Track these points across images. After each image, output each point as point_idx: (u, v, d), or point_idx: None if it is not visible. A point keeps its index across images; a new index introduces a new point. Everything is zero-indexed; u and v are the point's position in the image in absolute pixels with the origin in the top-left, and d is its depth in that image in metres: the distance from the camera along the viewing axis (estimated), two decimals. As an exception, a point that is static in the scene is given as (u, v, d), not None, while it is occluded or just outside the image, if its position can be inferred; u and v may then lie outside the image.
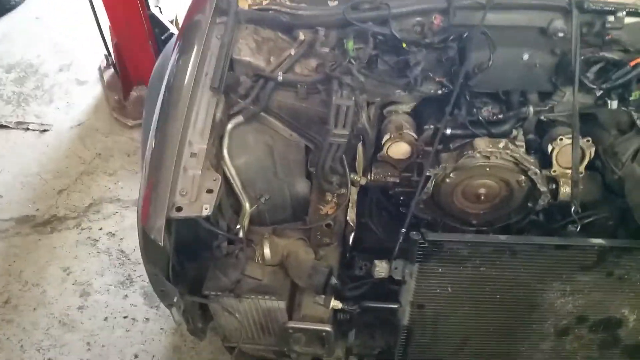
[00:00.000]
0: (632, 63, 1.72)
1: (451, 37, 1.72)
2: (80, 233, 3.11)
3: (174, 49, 1.78)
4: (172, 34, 3.43)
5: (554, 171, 1.90)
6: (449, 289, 1.64)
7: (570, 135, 1.81)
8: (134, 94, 3.84)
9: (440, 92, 1.82)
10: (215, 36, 1.72)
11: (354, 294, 1.73)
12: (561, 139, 1.87)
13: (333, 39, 1.78)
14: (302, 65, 1.79)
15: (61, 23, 4.68)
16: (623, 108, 1.87)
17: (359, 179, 1.85)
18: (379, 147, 1.87)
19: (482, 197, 1.95)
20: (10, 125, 3.81)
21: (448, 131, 1.85)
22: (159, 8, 3.69)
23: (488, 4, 1.68)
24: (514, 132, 1.89)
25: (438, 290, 1.64)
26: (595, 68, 1.78)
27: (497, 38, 1.71)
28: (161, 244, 1.39)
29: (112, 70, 4.05)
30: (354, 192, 1.88)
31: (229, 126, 1.74)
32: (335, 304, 1.66)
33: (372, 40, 1.74)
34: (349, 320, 1.75)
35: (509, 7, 1.74)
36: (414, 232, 1.55)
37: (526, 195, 1.94)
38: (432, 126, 1.86)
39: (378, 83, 1.80)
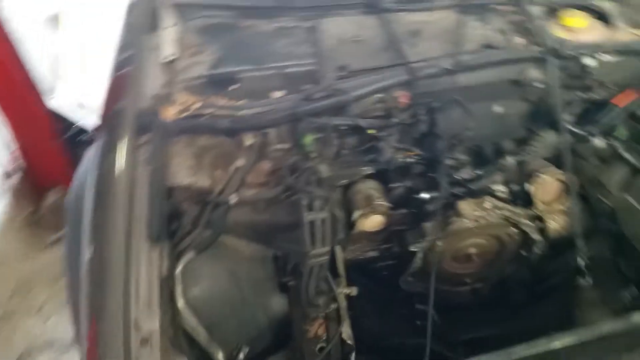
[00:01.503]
0: (620, 103, 1.56)
1: (422, 110, 1.49)
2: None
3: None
4: (81, 129, 3.07)
5: (538, 210, 1.83)
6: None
7: (551, 169, 1.76)
8: (49, 200, 3.34)
9: (410, 160, 1.64)
10: (141, 163, 1.38)
11: None
12: (540, 175, 1.79)
13: (286, 137, 1.50)
14: (254, 173, 1.49)
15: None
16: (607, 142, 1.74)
17: (350, 292, 1.58)
18: (349, 223, 1.67)
19: (474, 257, 1.91)
20: None
21: (426, 195, 1.72)
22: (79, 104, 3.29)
23: (459, 68, 1.46)
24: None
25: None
26: (576, 110, 1.64)
27: (468, 97, 1.56)
28: None
29: (19, 176, 3.54)
30: (343, 304, 1.60)
31: (179, 269, 1.39)
32: None
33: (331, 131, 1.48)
34: None
35: (477, 66, 1.53)
36: None
37: (519, 246, 1.90)
38: (399, 184, 1.72)
39: (343, 167, 1.59)
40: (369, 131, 1.46)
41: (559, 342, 1.33)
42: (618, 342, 1.41)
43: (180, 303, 1.38)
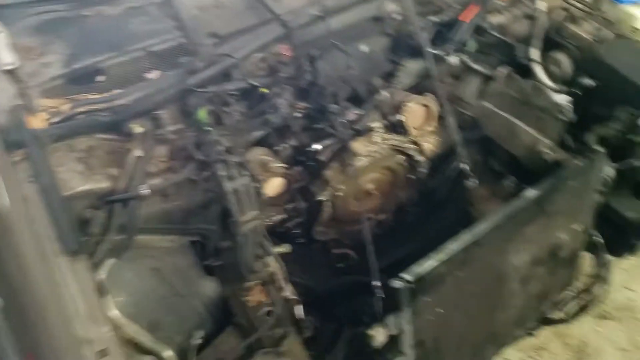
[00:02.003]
0: (464, 17, 1.75)
1: (305, 61, 1.52)
2: None
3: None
4: None
5: (413, 135, 1.98)
6: (439, 310, 1.49)
7: (414, 97, 1.92)
8: None
9: (299, 115, 1.65)
10: (25, 181, 1.19)
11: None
12: (407, 105, 1.95)
13: (178, 116, 1.41)
14: (154, 160, 1.39)
15: None
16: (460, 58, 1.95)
17: (285, 249, 1.58)
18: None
19: (373, 192, 2.02)
20: None
21: (318, 146, 1.76)
22: None
23: (325, 13, 1.50)
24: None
25: (431, 318, 1.49)
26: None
27: (340, 41, 1.61)
28: None
29: None
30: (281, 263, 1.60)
31: (102, 278, 1.27)
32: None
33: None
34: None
35: (343, 7, 1.59)
36: (395, 281, 1.35)
37: (407, 171, 2.06)
38: (284, 146, 1.75)
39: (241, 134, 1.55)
40: (262, 90, 1.43)
41: (467, 236, 1.50)
42: (517, 220, 1.64)
43: (113, 313, 1.26)
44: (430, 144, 2.09)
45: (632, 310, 2.54)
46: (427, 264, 1.41)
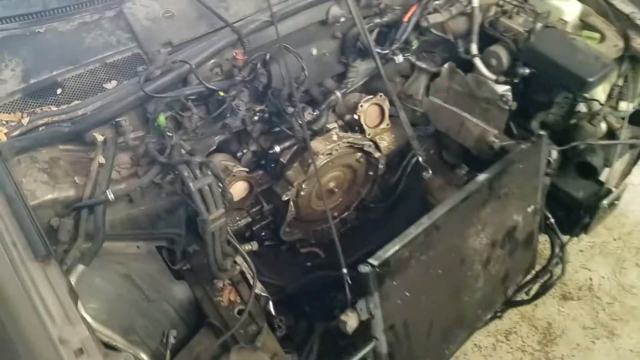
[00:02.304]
0: (405, 18, 1.86)
1: (257, 64, 1.58)
2: None
3: None
4: None
5: (369, 134, 2.08)
6: (406, 293, 1.55)
7: (367, 98, 2.02)
8: None
9: (256, 118, 1.71)
10: (-11, 193, 1.20)
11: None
12: (362, 106, 2.05)
13: (138, 123, 1.44)
14: (117, 167, 1.42)
15: None
16: (406, 58, 2.05)
17: (252, 247, 1.62)
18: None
19: (334, 190, 2.11)
20: None
21: (277, 149, 1.85)
22: None
23: (275, 19, 1.57)
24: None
25: (400, 302, 1.53)
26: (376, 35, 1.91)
27: (291, 46, 1.67)
28: None
29: None
30: (249, 261, 1.63)
31: (72, 284, 1.27)
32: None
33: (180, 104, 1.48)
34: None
35: (291, 13, 1.67)
36: (362, 266, 1.40)
37: (366, 168, 2.17)
38: (245, 150, 1.85)
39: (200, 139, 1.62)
40: (219, 94, 1.49)
41: (426, 220, 1.58)
42: (471, 203, 1.72)
43: (88, 318, 1.26)
44: (385, 141, 2.20)
45: (591, 289, 2.66)
46: (391, 248, 1.47)
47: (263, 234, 2.06)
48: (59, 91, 1.44)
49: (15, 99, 1.40)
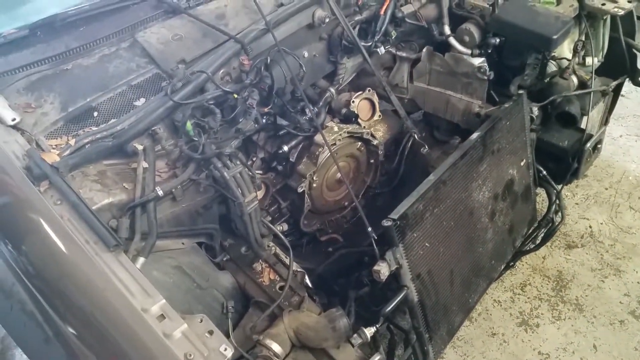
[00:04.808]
0: (382, 10, 2.08)
1: (261, 67, 1.78)
2: None
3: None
4: None
5: (364, 127, 2.28)
6: (426, 244, 1.73)
7: (357, 94, 2.24)
8: None
9: (264, 121, 1.88)
10: (54, 203, 1.37)
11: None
12: (353, 101, 2.26)
13: (170, 132, 1.64)
14: (158, 171, 1.61)
15: None
16: (387, 50, 2.27)
17: (282, 228, 1.79)
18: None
19: (342, 180, 2.23)
20: None
21: (285, 148, 2.02)
22: None
23: (270, 26, 1.79)
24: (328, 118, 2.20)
25: (422, 253, 1.71)
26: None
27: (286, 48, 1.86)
28: None
29: None
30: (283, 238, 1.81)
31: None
32: (369, 331, 1.56)
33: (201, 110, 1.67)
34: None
35: (282, 20, 1.88)
36: (385, 221, 1.58)
37: (367, 156, 2.35)
38: (254, 158, 2.02)
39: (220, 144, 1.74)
40: (234, 95, 1.67)
41: (432, 177, 1.77)
42: (469, 160, 1.92)
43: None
44: (380, 132, 2.40)
45: (593, 235, 2.85)
46: (407, 203, 1.66)
47: (286, 229, 2.19)
48: (95, 114, 1.62)
49: (58, 126, 1.58)
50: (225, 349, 1.20)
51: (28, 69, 1.68)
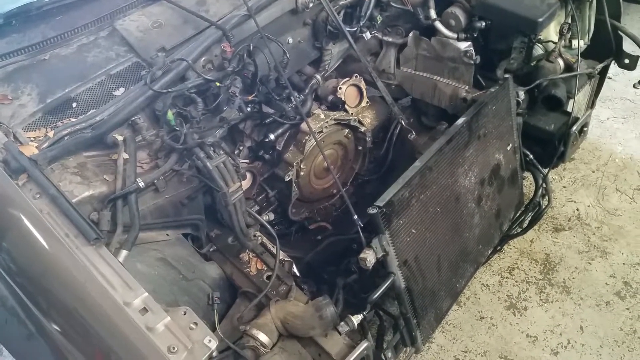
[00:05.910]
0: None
1: (244, 54, 1.75)
2: None
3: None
4: None
5: (352, 113, 2.25)
6: (413, 231, 1.72)
7: (344, 80, 2.20)
8: None
9: (249, 109, 1.85)
10: (33, 197, 1.35)
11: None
12: (340, 88, 2.20)
13: (150, 122, 1.61)
14: (139, 162, 1.58)
15: None
16: (373, 35, 2.24)
17: (269, 217, 1.78)
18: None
19: (330, 168, 2.20)
20: None
21: (272, 136, 2.00)
22: None
23: (252, 12, 1.75)
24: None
25: (408, 239, 1.71)
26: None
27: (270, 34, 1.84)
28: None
29: None
30: (269, 228, 1.80)
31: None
32: (356, 318, 1.56)
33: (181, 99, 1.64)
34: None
35: (265, 5, 1.85)
36: (370, 209, 1.57)
37: (355, 143, 2.34)
38: (241, 147, 1.99)
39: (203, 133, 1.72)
40: (216, 84, 1.65)
41: (418, 162, 1.76)
42: (456, 145, 1.90)
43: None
44: (368, 118, 2.37)
45: (580, 218, 2.86)
46: (392, 190, 1.65)
47: (272, 219, 2.19)
48: (74, 105, 1.59)
49: (36, 118, 1.54)
50: (210, 341, 1.19)
51: (3, 60, 1.65)
